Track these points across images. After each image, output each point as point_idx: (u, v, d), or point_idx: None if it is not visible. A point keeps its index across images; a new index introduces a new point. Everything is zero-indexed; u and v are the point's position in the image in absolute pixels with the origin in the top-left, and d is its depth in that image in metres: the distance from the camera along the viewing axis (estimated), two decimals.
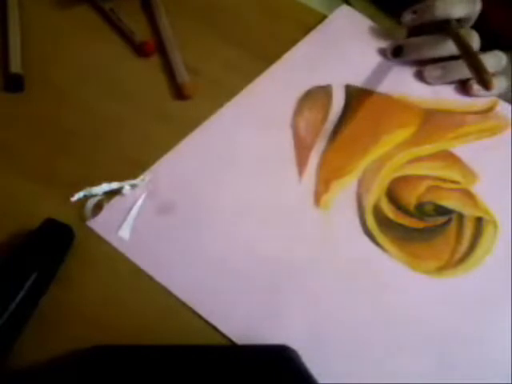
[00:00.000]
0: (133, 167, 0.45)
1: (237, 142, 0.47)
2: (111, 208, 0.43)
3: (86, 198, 0.43)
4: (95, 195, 0.43)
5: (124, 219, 0.42)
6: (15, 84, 0.48)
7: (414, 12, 0.51)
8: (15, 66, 0.48)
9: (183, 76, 0.49)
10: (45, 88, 0.49)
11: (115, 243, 0.41)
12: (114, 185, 0.43)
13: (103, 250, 0.42)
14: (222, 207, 0.44)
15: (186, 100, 0.49)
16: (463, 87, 0.52)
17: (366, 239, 0.43)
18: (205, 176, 0.45)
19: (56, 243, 0.39)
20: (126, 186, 0.43)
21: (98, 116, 0.47)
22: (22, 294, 0.36)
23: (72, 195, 0.42)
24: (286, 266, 0.42)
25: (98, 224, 0.42)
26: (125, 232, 0.41)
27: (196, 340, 0.39)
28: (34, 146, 0.46)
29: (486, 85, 0.43)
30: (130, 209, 0.43)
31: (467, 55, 0.46)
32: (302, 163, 0.46)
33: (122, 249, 0.41)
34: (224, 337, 0.39)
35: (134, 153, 0.46)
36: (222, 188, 0.45)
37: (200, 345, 0.38)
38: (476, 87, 0.51)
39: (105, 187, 0.43)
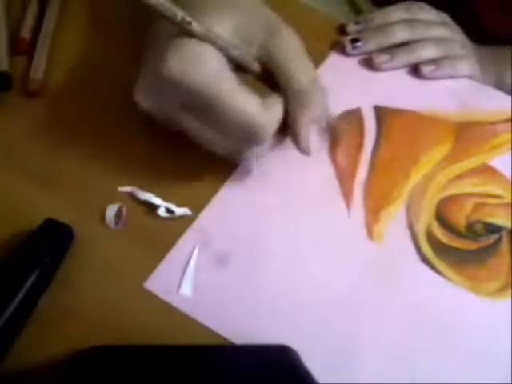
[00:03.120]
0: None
1: (276, 181, 0.46)
2: (164, 266, 0.41)
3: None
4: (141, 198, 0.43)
5: (180, 276, 0.41)
6: (2, 82, 0.46)
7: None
8: (1, 64, 0.47)
9: (37, 72, 0.48)
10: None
11: (176, 303, 0.40)
12: (156, 200, 0.42)
13: (103, 250, 0.41)
14: (276, 250, 0.43)
15: (32, 97, 0.47)
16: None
17: (424, 267, 0.43)
18: (252, 220, 0.44)
19: (56, 243, 0.39)
20: (162, 208, 0.42)
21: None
22: (21, 294, 0.36)
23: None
24: (348, 302, 0.41)
25: (154, 285, 0.41)
26: (186, 289, 0.40)
27: (196, 340, 0.39)
28: (34, 145, 0.45)
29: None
30: (185, 264, 0.41)
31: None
32: (347, 195, 0.46)
33: (183, 308, 0.40)
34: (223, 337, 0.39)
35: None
36: (272, 230, 0.44)
37: (200, 345, 0.38)
38: (425, 69, 0.51)
39: (147, 196, 0.43)
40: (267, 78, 0.41)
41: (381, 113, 0.50)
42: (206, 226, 0.43)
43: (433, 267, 0.43)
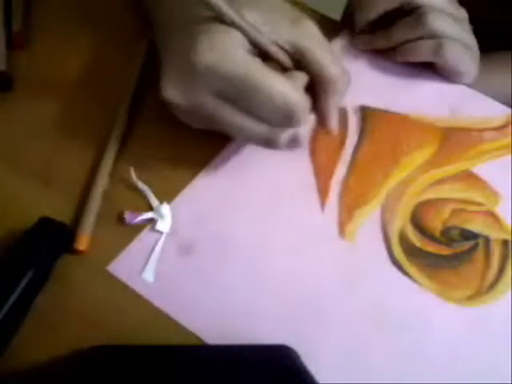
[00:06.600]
0: None
1: (253, 173, 0.46)
2: (129, 251, 0.41)
3: None
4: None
5: (145, 261, 0.41)
6: (1, 82, 0.46)
7: None
8: (1, 63, 0.47)
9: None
10: (38, 86, 0.48)
11: (138, 288, 0.40)
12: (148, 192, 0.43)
13: (103, 250, 0.41)
14: (244, 242, 0.43)
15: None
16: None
17: (394, 270, 0.42)
18: (223, 211, 0.44)
19: (51, 242, 0.39)
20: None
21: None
22: (16, 293, 0.36)
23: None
24: (313, 299, 0.41)
25: (118, 269, 0.40)
26: (148, 274, 0.40)
27: (196, 340, 0.39)
28: (32, 144, 0.45)
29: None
30: (150, 250, 0.41)
31: None
32: (323, 191, 0.45)
33: (144, 293, 0.40)
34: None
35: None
36: (243, 222, 0.43)
37: (200, 345, 0.38)
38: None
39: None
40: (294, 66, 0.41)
41: (366, 113, 0.50)
42: (175, 214, 0.43)
43: (403, 270, 0.42)
